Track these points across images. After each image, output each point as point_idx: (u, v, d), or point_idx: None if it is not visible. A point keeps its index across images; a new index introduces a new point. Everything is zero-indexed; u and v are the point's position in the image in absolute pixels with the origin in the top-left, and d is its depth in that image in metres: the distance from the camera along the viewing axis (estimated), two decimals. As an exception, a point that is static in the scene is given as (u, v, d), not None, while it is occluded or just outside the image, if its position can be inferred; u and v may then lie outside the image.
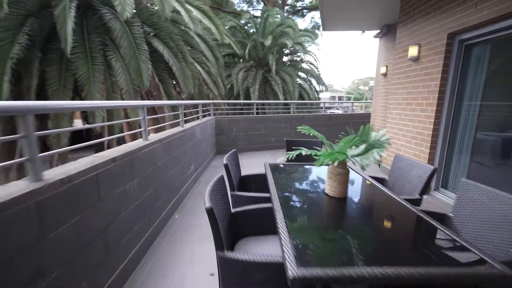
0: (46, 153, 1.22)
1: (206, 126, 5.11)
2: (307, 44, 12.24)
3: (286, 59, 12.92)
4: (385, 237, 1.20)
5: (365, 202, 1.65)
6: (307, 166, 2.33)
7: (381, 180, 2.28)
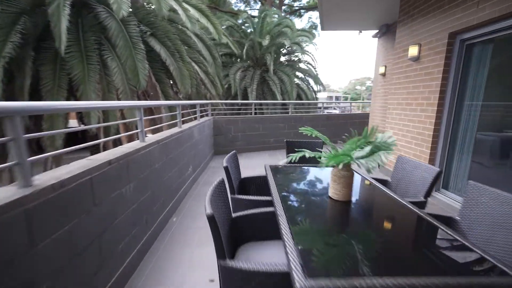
0: (36, 157, 1.15)
1: (204, 126, 5.03)
2: (304, 44, 12.20)
3: (284, 59, 12.85)
4: (393, 243, 1.15)
5: (370, 205, 1.60)
6: (308, 168, 2.28)
7: (383, 182, 2.24)
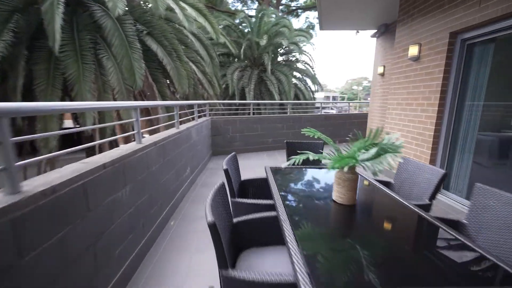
0: (24, 161, 1.08)
1: (202, 127, 4.96)
2: (302, 44, 12.17)
3: (281, 59, 12.81)
4: (402, 250, 1.10)
5: (375, 209, 1.56)
6: (310, 170, 2.23)
7: (386, 184, 2.20)
